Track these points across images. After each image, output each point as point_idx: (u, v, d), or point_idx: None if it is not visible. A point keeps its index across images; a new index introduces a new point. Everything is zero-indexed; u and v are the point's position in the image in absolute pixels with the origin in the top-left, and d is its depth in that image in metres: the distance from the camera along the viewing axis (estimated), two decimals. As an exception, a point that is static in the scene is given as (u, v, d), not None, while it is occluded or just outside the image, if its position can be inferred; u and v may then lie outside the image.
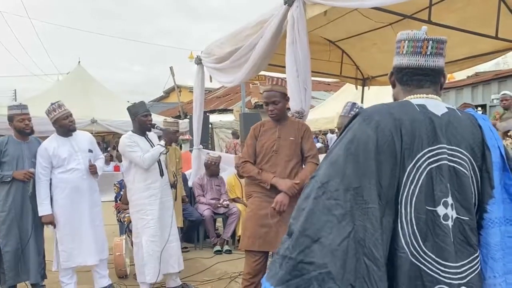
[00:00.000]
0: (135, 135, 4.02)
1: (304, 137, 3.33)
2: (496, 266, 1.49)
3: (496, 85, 7.24)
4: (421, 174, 1.46)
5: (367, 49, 6.05)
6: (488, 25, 4.62)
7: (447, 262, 1.44)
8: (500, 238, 1.51)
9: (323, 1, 3.44)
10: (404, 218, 1.45)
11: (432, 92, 1.60)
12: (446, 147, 1.49)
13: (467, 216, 1.48)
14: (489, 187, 1.51)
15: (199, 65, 5.81)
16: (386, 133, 1.46)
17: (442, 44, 1.58)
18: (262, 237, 3.14)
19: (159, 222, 3.96)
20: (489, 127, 1.57)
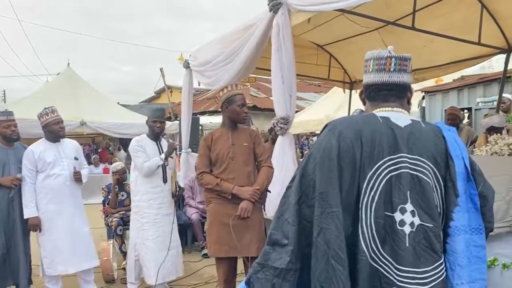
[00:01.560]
0: (146, 139, 4.10)
1: (256, 142, 3.44)
2: (463, 273, 1.55)
3: (481, 89, 7.36)
4: (381, 181, 1.53)
5: (354, 53, 6.11)
6: (471, 31, 4.72)
7: (401, 266, 1.50)
8: (465, 245, 1.56)
9: (306, 8, 3.47)
10: (364, 223, 1.52)
11: (397, 106, 1.67)
12: (407, 156, 1.55)
13: (431, 223, 1.53)
14: (454, 196, 1.57)
15: (187, 69, 5.83)
16: (347, 142, 1.55)
17: (406, 61, 1.66)
18: (227, 243, 3.20)
19: (154, 226, 3.98)
20: (454, 139, 1.63)
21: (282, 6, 3.62)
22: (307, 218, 1.58)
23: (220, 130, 3.46)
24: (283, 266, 1.57)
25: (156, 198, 4.00)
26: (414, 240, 1.51)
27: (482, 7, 4.61)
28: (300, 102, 17.66)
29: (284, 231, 1.60)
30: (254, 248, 3.21)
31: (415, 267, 1.50)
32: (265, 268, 1.62)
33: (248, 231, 3.23)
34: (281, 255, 1.59)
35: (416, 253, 1.50)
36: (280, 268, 1.58)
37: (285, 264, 1.57)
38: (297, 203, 1.60)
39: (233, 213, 3.20)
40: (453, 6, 4.55)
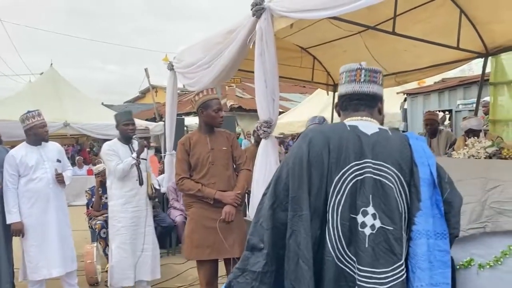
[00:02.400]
0: (118, 143, 4.10)
1: (234, 146, 3.50)
2: (423, 275, 1.61)
3: (461, 91, 7.53)
4: (347, 185, 1.62)
5: (338, 56, 6.18)
6: (450, 36, 4.81)
7: (361, 266, 1.58)
8: (426, 249, 1.62)
9: (289, 14, 3.51)
10: (331, 225, 1.61)
11: (366, 115, 1.77)
12: (372, 161, 1.63)
13: (391, 226, 1.59)
14: (417, 201, 1.64)
15: (172, 71, 5.84)
16: (316, 149, 1.65)
17: (376, 73, 1.77)
18: (210, 246, 3.25)
19: (130, 229, 4.00)
20: (421, 147, 1.70)
21: (265, 11, 3.65)
22: (281, 221, 1.67)
23: (197, 134, 3.47)
24: (259, 269, 1.66)
25: (131, 202, 4.02)
26: (373, 241, 1.58)
27: (461, 12, 4.71)
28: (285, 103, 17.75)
29: (260, 236, 1.69)
30: (237, 250, 3.27)
31: (374, 267, 1.56)
32: (245, 273, 1.70)
33: (230, 233, 3.29)
34: (258, 258, 1.67)
35: (375, 254, 1.57)
36: (258, 271, 1.66)
37: (261, 267, 1.66)
38: (271, 207, 1.69)
39: (215, 217, 3.24)
40: (433, 11, 4.63)
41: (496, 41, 5.26)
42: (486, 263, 3.17)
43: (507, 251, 3.07)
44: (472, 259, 3.24)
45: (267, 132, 3.80)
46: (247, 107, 15.48)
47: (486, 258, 3.18)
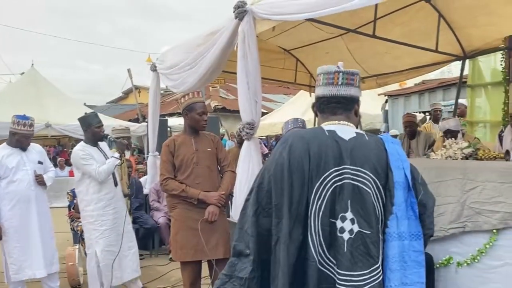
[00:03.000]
0: (88, 146, 4.02)
1: (219, 148, 3.53)
2: (393, 276, 1.67)
3: (441, 93, 7.70)
4: (327, 192, 1.65)
5: (320, 58, 6.23)
6: (429, 39, 4.92)
7: (340, 270, 1.63)
8: (397, 251, 1.68)
9: (271, 17, 3.56)
10: (313, 230, 1.64)
11: (344, 118, 1.79)
12: (350, 167, 1.67)
13: (368, 230, 1.64)
14: (390, 205, 1.69)
15: (155, 72, 5.84)
16: (297, 156, 1.67)
17: (353, 75, 1.78)
18: (194, 247, 3.26)
19: (113, 231, 4.00)
20: (396, 150, 1.75)
21: (248, 14, 3.69)
22: (264, 227, 1.70)
23: (182, 136, 3.49)
24: (246, 275, 1.69)
25: (111, 204, 4.01)
26: (352, 246, 1.63)
27: (440, 17, 4.82)
28: (269, 104, 17.82)
29: (246, 242, 1.71)
30: (221, 251, 3.30)
31: (352, 270, 1.61)
32: (232, 279, 1.72)
33: (214, 234, 3.31)
34: (245, 264, 1.70)
35: (353, 257, 1.62)
36: (245, 277, 1.69)
37: (248, 273, 1.69)
38: (254, 214, 1.71)
39: (199, 218, 3.25)
40: (413, 15, 4.73)
41: (473, 45, 5.41)
42: (464, 261, 3.26)
43: (483, 249, 3.17)
44: (451, 257, 3.33)
45: (249, 134, 3.85)
46: (231, 108, 15.48)
47: (464, 256, 3.28)
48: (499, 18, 4.54)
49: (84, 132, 4.10)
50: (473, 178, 3.31)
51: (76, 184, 4.12)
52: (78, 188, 4.06)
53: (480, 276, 3.19)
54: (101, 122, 4.15)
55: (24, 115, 4.02)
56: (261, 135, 10.97)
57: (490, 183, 3.21)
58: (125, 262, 4.11)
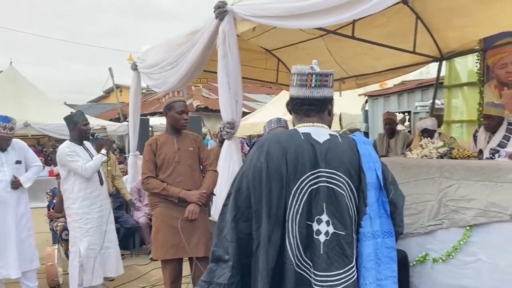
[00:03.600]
0: (73, 144, 4.05)
1: (201, 147, 3.55)
2: (368, 274, 1.73)
3: (419, 93, 7.86)
4: (303, 195, 1.69)
5: (301, 58, 6.28)
6: (407, 40, 5.01)
7: (317, 271, 1.67)
8: (372, 249, 1.74)
9: (251, 18, 3.58)
10: (291, 234, 1.68)
11: (317, 120, 1.83)
12: (325, 170, 1.71)
13: (343, 231, 1.70)
14: (363, 205, 1.75)
15: (135, 71, 5.82)
16: (275, 160, 1.70)
17: (326, 76, 1.81)
18: (175, 245, 3.28)
19: (98, 230, 4.03)
20: (368, 151, 1.80)
21: (228, 14, 3.72)
22: (244, 232, 1.72)
23: (164, 136, 3.52)
24: (225, 281, 1.70)
25: (96, 202, 4.05)
26: (328, 247, 1.68)
27: (417, 18, 4.90)
28: (251, 104, 17.86)
29: (225, 247, 1.73)
30: (202, 249, 3.32)
31: (328, 271, 1.66)
32: (212, 285, 1.73)
33: (195, 232, 3.33)
34: (224, 270, 1.72)
35: (329, 258, 1.67)
36: (224, 283, 1.70)
37: (227, 279, 1.70)
38: (234, 220, 1.73)
39: (180, 216, 3.27)
40: (391, 17, 4.80)
41: (449, 46, 5.52)
42: (439, 258, 3.35)
43: (458, 246, 3.25)
44: (427, 253, 3.42)
45: (230, 133, 3.88)
46: (214, 107, 15.45)
47: (439, 253, 3.37)
48: (474, 21, 4.65)
49: (71, 130, 4.10)
50: (449, 176, 3.40)
51: (62, 182, 4.13)
52: (64, 186, 4.07)
53: (454, 272, 3.28)
54: (87, 120, 4.19)
55: (6, 116, 3.97)
56: (243, 135, 11.00)
57: (465, 181, 3.30)
58: (108, 260, 4.15)
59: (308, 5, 3.06)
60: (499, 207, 3.05)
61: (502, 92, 5.50)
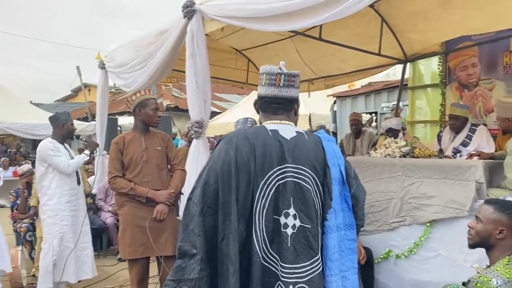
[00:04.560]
0: (56, 142, 4.08)
1: (169, 146, 3.56)
2: (333, 266, 1.79)
3: (385, 94, 8.08)
4: (271, 190, 1.74)
5: (270, 59, 6.32)
6: (373, 42, 5.13)
7: (284, 263, 1.72)
8: (336, 242, 1.81)
9: (220, 18, 3.60)
10: (258, 227, 1.72)
11: (285, 118, 1.90)
12: (292, 166, 1.77)
13: (309, 224, 1.76)
14: (329, 199, 1.81)
15: (103, 70, 5.74)
16: (243, 155, 1.74)
17: (294, 77, 1.89)
18: (143, 244, 3.27)
19: (72, 228, 4.03)
20: (332, 148, 1.88)
21: (196, 13, 3.72)
22: (210, 225, 1.74)
23: (132, 134, 3.48)
24: (196, 275, 1.70)
25: (73, 201, 4.07)
26: (295, 240, 1.73)
27: (382, 21, 5.03)
28: (222, 104, 17.84)
29: (192, 242, 1.73)
30: (170, 248, 3.31)
31: (295, 263, 1.72)
32: (182, 283, 1.73)
33: (163, 232, 3.33)
34: (193, 265, 1.71)
35: (296, 251, 1.72)
36: (194, 278, 1.70)
37: (197, 273, 1.70)
38: (201, 213, 1.73)
39: (148, 216, 3.26)
40: (357, 20, 4.89)
41: (413, 49, 5.69)
42: (402, 254, 3.47)
43: (419, 242, 3.37)
44: (391, 250, 3.53)
45: (198, 133, 3.88)
46: (184, 107, 15.30)
47: (402, 249, 3.48)
48: (436, 25, 4.81)
49: (58, 128, 4.15)
50: (410, 175, 3.52)
51: (38, 179, 4.11)
52: (41, 183, 4.06)
53: (416, 267, 3.39)
54: (72, 119, 4.31)
55: None
56: (214, 134, 11.01)
57: (426, 179, 3.43)
58: (85, 263, 4.15)
59: (276, 8, 3.10)
60: (458, 203, 3.18)
61: (463, 93, 5.71)
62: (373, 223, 3.67)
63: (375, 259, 3.59)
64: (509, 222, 2.01)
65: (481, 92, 5.52)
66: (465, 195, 3.16)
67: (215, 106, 15.29)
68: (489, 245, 2.08)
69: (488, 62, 5.43)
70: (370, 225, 3.67)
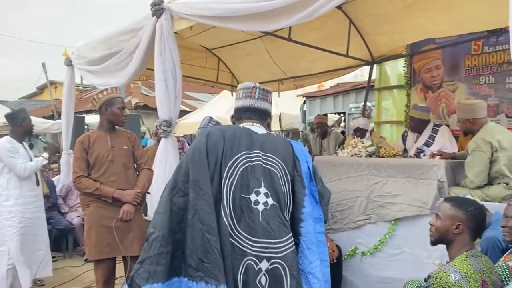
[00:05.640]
0: (15, 142, 3.98)
1: (135, 145, 3.54)
2: (316, 250, 1.90)
3: (353, 95, 8.24)
4: (239, 169, 1.87)
5: (241, 58, 6.37)
6: (341, 44, 5.21)
7: (256, 238, 1.80)
8: (313, 229, 1.92)
9: (189, 17, 3.59)
10: (226, 202, 1.82)
11: (258, 122, 2.07)
12: (261, 153, 1.92)
13: (279, 204, 1.87)
14: (302, 187, 1.94)
15: (70, 67, 5.63)
16: (213, 139, 1.90)
17: (267, 93, 2.11)
18: (109, 244, 3.24)
19: (29, 230, 3.96)
20: (300, 147, 2.06)
21: (165, 12, 3.70)
22: (179, 206, 1.82)
23: (97, 133, 3.43)
24: (155, 252, 1.77)
25: (31, 202, 3.98)
26: (267, 216, 1.83)
27: (350, 23, 5.12)
28: (193, 102, 17.70)
29: (155, 222, 1.82)
30: (136, 248, 3.28)
31: (268, 238, 1.80)
32: (144, 262, 1.79)
33: (129, 232, 3.30)
34: (153, 243, 1.78)
35: (270, 226, 1.82)
36: (153, 254, 1.77)
37: (157, 249, 1.77)
38: (170, 193, 1.84)
39: (114, 216, 3.23)
40: (326, 21, 4.97)
41: (380, 51, 5.81)
42: (368, 251, 3.55)
43: (384, 239, 3.46)
44: (357, 247, 3.61)
45: (167, 131, 3.86)
46: (153, 105, 15.03)
47: (367, 247, 3.56)
48: (401, 27, 4.92)
49: (17, 126, 4.04)
50: (376, 174, 3.61)
51: None
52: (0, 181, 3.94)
53: (381, 264, 3.48)
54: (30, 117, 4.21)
55: None
56: (184, 134, 10.94)
57: (390, 178, 3.52)
58: (37, 262, 4.04)
59: (247, 9, 3.12)
60: (421, 202, 3.28)
61: (427, 95, 5.88)
62: (340, 221, 3.74)
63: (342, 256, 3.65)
64: (464, 217, 2.10)
65: (445, 94, 5.70)
66: (428, 193, 3.26)
67: (185, 105, 15.17)
68: (448, 241, 2.16)
69: (451, 65, 5.61)
70: (337, 223, 3.74)
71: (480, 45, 5.27)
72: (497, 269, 2.11)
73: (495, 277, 2.00)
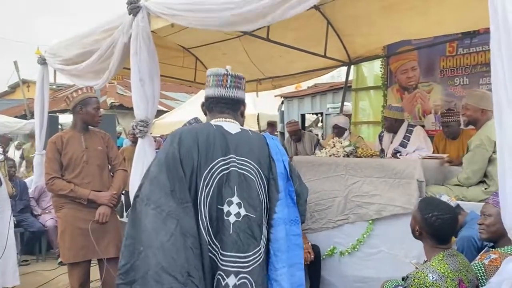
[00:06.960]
0: None
1: (109, 146, 3.48)
2: (284, 257, 1.84)
3: (331, 96, 8.31)
4: (214, 179, 1.77)
5: (218, 58, 6.32)
6: (319, 44, 5.23)
7: (225, 251, 1.74)
8: (284, 234, 1.85)
9: (166, 17, 3.53)
10: (204, 215, 1.74)
11: (230, 117, 1.95)
12: (236, 157, 1.82)
13: (254, 214, 1.79)
14: (276, 192, 1.87)
15: (43, 65, 5.48)
16: (187, 146, 1.77)
17: (240, 79, 1.95)
18: (85, 246, 3.17)
19: None
20: (276, 145, 1.95)
21: (142, 10, 3.63)
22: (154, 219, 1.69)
23: (70, 133, 3.35)
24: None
25: None
26: (239, 228, 1.75)
27: (328, 24, 5.14)
28: (170, 102, 17.55)
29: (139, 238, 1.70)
30: (112, 250, 3.23)
31: (238, 252, 1.73)
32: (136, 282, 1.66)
33: (105, 234, 3.24)
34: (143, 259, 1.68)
35: (240, 239, 1.75)
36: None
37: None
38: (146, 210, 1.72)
39: (89, 218, 3.16)
40: (304, 21, 4.98)
41: (357, 52, 5.86)
42: (346, 250, 3.57)
43: (362, 239, 3.49)
44: (335, 247, 3.62)
45: (143, 132, 3.77)
46: (129, 105, 14.88)
47: (345, 246, 3.58)
48: (378, 29, 4.97)
49: None
50: (354, 174, 3.62)
51: None
52: None
53: (359, 264, 3.50)
54: None
55: None
56: (161, 134, 10.83)
57: (368, 178, 3.54)
58: (6, 269, 3.84)
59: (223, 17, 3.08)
60: (397, 201, 3.31)
61: (403, 96, 5.97)
62: (318, 221, 3.75)
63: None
64: (420, 219, 2.11)
65: (420, 95, 5.79)
66: (405, 193, 3.29)
67: (162, 104, 15.01)
68: (420, 240, 2.18)
69: (427, 66, 5.70)
70: (316, 223, 3.75)
71: (454, 47, 5.38)
72: (473, 267, 2.14)
73: (471, 276, 2.02)
